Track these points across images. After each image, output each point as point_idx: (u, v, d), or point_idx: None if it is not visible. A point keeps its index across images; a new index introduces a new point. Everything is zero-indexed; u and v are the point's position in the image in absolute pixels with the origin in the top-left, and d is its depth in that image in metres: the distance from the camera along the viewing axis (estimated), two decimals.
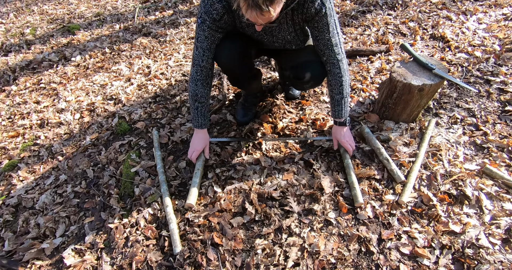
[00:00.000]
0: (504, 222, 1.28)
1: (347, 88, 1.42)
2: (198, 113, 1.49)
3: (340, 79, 1.39)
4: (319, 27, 1.28)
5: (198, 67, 1.39)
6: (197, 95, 1.45)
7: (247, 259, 1.28)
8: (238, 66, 1.47)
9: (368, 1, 3.09)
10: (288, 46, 1.49)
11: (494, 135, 1.65)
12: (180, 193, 1.58)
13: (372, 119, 1.81)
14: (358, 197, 1.38)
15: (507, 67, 2.03)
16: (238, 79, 1.61)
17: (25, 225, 1.56)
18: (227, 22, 1.28)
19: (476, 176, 1.46)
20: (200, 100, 1.46)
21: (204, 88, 1.45)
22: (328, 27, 1.27)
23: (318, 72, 1.48)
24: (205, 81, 1.44)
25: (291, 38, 1.42)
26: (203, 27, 1.27)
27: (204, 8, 1.22)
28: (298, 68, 1.51)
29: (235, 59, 1.42)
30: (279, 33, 1.37)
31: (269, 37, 1.41)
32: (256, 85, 1.78)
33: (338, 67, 1.37)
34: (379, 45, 2.48)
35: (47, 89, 2.61)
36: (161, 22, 3.46)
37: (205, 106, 1.49)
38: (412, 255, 1.23)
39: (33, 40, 3.45)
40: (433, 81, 1.52)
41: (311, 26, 1.31)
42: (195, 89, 1.44)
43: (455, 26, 2.53)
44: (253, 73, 1.65)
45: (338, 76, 1.38)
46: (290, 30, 1.36)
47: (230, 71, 1.52)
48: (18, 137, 2.16)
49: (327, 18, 1.25)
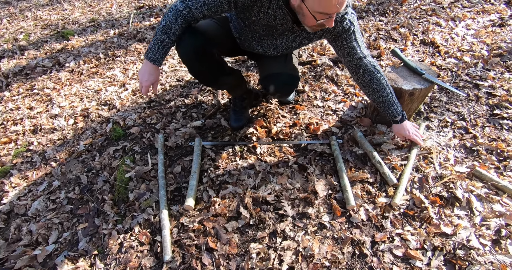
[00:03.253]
0: (494, 223, 1.31)
1: (389, 87, 1.47)
2: (161, 46, 1.26)
3: (382, 81, 1.43)
4: (349, 44, 1.34)
5: (187, 9, 1.22)
6: (171, 28, 1.23)
7: (241, 263, 1.28)
8: (195, 62, 1.39)
9: (360, 8, 3.15)
10: (273, 52, 1.48)
11: (483, 138, 1.68)
12: (175, 198, 1.58)
13: (364, 123, 1.84)
14: (350, 200, 1.40)
15: (495, 72, 2.08)
16: (200, 76, 1.50)
17: (17, 232, 1.54)
18: (244, 3, 1.20)
19: (466, 178, 1.49)
20: (171, 37, 1.25)
21: (180, 27, 1.25)
22: (357, 43, 1.35)
23: (282, 84, 1.52)
24: (185, 22, 1.25)
25: (289, 46, 1.44)
26: None
27: None
28: (265, 80, 1.55)
29: (191, 53, 1.35)
30: (285, 37, 1.38)
31: (269, 37, 1.40)
32: (234, 86, 1.71)
33: (378, 72, 1.42)
34: (371, 50, 2.53)
35: (40, 95, 2.60)
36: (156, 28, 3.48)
37: (170, 44, 1.29)
38: (405, 257, 1.25)
39: (26, 46, 3.44)
40: (423, 86, 1.55)
41: (338, 44, 1.37)
42: (171, 21, 1.22)
43: (444, 32, 2.59)
44: (221, 72, 1.53)
45: (380, 80, 1.43)
46: (297, 40, 1.40)
47: (187, 65, 1.43)
48: (11, 143, 2.14)
49: (355, 35, 1.33)
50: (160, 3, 4.15)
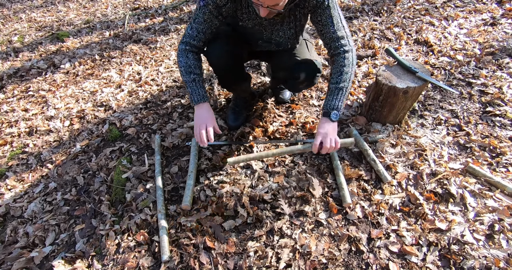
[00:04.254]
0: (487, 218, 1.33)
1: (346, 80, 1.29)
2: (196, 85, 1.32)
3: (341, 68, 1.29)
4: (323, 21, 1.27)
5: (188, 44, 1.32)
6: (190, 66, 1.31)
7: (239, 262, 1.28)
8: (229, 66, 1.47)
9: (354, 8, 3.18)
10: (283, 44, 1.51)
11: (476, 135, 1.71)
12: (172, 197, 1.59)
13: (360, 122, 1.86)
14: (346, 198, 1.41)
15: (487, 70, 2.12)
16: (228, 81, 1.59)
17: (14, 235, 1.54)
18: (228, 11, 1.27)
19: (460, 174, 1.51)
20: (195, 71, 1.33)
21: (196, 60, 1.34)
22: (332, 19, 1.26)
23: (312, 72, 1.51)
24: (196, 55, 1.35)
25: (290, 34, 1.44)
26: (205, 10, 1.25)
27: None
28: (293, 69, 1.53)
29: (226, 58, 1.42)
30: (280, 28, 1.39)
31: (268, 33, 1.43)
32: (246, 89, 1.80)
33: (343, 57, 1.30)
34: (365, 50, 2.55)
35: (35, 97, 2.59)
36: (152, 29, 3.48)
37: (201, 78, 1.35)
38: (400, 253, 1.26)
39: (21, 48, 3.42)
40: (417, 84, 1.57)
41: (314, 20, 1.30)
42: (186, 61, 1.31)
43: (437, 31, 2.62)
44: (243, 76, 1.67)
45: (340, 65, 1.30)
46: (291, 26, 1.38)
47: (220, 71, 1.50)
48: (6, 146, 2.13)
49: (330, 11, 1.24)
50: (156, 4, 4.15)
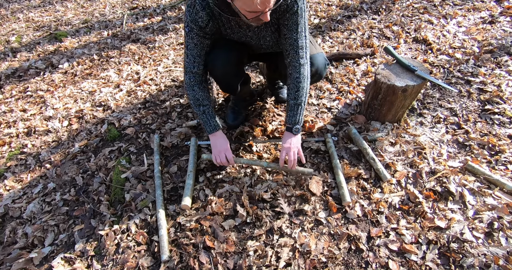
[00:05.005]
0: (487, 216, 1.33)
1: (303, 95, 1.37)
2: (207, 116, 1.43)
3: (298, 84, 1.36)
4: (289, 25, 1.28)
5: (191, 74, 1.39)
6: (198, 99, 1.41)
7: (239, 261, 1.28)
8: (232, 75, 1.50)
9: (353, 6, 3.18)
10: (275, 47, 1.51)
11: (475, 133, 1.71)
12: (172, 197, 1.58)
13: (359, 120, 1.86)
14: (345, 196, 1.41)
15: (486, 68, 2.12)
16: (231, 86, 1.62)
17: (12, 235, 1.53)
18: (212, 29, 1.31)
19: (459, 173, 1.51)
20: (203, 103, 1.42)
21: (203, 91, 1.42)
22: (297, 27, 1.28)
23: (322, 65, 1.50)
24: (201, 85, 1.42)
25: (275, 38, 1.44)
26: (191, 35, 1.30)
27: (190, 17, 1.24)
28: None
29: (230, 69, 1.46)
30: (266, 33, 1.39)
31: (256, 41, 1.44)
32: (246, 90, 1.80)
33: (298, 72, 1.35)
34: (364, 48, 2.55)
35: (34, 97, 2.58)
36: (150, 28, 3.47)
37: (211, 108, 1.44)
38: (400, 251, 1.26)
39: (19, 48, 3.40)
40: (416, 82, 1.57)
41: (281, 23, 1.31)
42: (193, 94, 1.41)
43: (436, 29, 2.62)
44: (243, 80, 1.68)
45: (296, 80, 1.36)
46: (273, 30, 1.38)
47: (224, 81, 1.55)
48: (4, 146, 2.12)
49: (297, 18, 1.26)
50: (154, 3, 4.14)
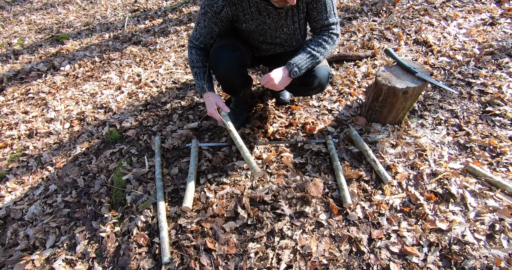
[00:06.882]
0: (488, 218, 1.33)
1: (321, 52, 1.41)
2: (197, 77, 1.49)
3: (323, 42, 1.41)
4: (318, 8, 1.37)
5: (192, 43, 1.48)
6: (193, 61, 1.48)
7: (240, 263, 1.28)
8: (235, 76, 1.53)
9: (353, 8, 3.19)
10: (288, 42, 1.52)
11: (476, 135, 1.71)
12: (173, 199, 1.59)
13: (360, 122, 1.86)
14: (346, 198, 1.41)
15: (487, 70, 2.12)
16: (233, 88, 1.64)
17: (14, 237, 1.53)
18: (226, 15, 1.36)
19: (460, 174, 1.51)
20: (197, 65, 1.49)
21: (199, 56, 1.48)
22: (326, 7, 1.36)
23: (324, 78, 1.52)
24: (199, 51, 1.49)
25: (294, 29, 1.47)
26: (205, 17, 1.37)
27: (207, 1, 1.33)
28: (306, 75, 1.49)
29: (233, 70, 1.49)
30: (284, 23, 1.42)
31: (272, 32, 1.46)
32: (248, 92, 1.81)
33: (329, 36, 1.42)
34: (365, 50, 2.56)
35: (35, 99, 2.59)
36: (151, 30, 3.49)
37: (202, 71, 1.49)
38: (401, 253, 1.26)
39: (21, 50, 3.42)
40: (416, 84, 1.57)
41: (310, 7, 1.39)
42: (190, 56, 1.49)
43: (437, 31, 2.62)
44: (246, 81, 1.69)
45: (323, 38, 1.42)
46: (294, 19, 1.43)
47: (226, 82, 1.57)
48: (6, 148, 2.13)
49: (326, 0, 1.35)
50: (155, 6, 4.16)
